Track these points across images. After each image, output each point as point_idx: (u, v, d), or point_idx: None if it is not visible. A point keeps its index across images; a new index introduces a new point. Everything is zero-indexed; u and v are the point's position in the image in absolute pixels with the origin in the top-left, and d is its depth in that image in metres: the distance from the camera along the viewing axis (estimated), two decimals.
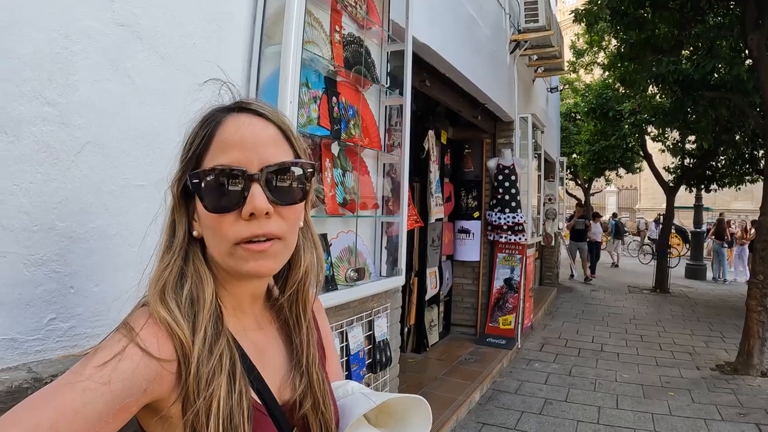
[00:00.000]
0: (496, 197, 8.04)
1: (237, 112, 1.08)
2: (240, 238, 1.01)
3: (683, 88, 10.79)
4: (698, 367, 7.81)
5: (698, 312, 12.42)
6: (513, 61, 8.09)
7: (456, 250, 8.61)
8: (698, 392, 6.71)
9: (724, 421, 5.84)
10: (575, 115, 19.65)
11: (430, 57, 5.15)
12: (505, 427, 5.50)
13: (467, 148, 8.71)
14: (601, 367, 7.71)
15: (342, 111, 3.19)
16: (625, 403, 6.30)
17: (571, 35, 20.15)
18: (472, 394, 6.04)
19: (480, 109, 7.40)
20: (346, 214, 3.18)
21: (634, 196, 43.21)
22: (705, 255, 20.13)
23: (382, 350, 3.61)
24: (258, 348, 1.15)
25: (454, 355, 7.46)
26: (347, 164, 3.26)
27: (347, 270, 3.13)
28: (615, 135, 16.70)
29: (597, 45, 16.27)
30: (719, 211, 25.06)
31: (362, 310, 3.41)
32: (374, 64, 3.62)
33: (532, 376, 7.15)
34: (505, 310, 8.18)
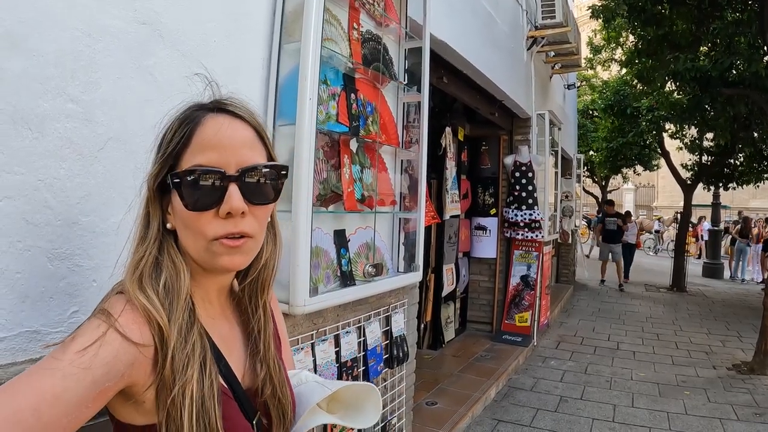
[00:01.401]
0: (513, 194, 8.03)
1: (215, 112, 1.12)
2: (217, 235, 1.07)
3: (701, 85, 10.76)
4: (714, 367, 7.77)
5: (715, 311, 12.35)
6: (530, 58, 8.07)
7: (473, 247, 8.61)
8: (714, 391, 6.67)
9: (739, 420, 5.81)
10: (592, 112, 19.54)
11: (447, 54, 5.15)
12: (521, 424, 5.50)
13: (484, 145, 8.70)
14: (617, 365, 7.70)
15: (360, 108, 3.20)
16: (641, 401, 6.28)
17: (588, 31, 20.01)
18: (488, 390, 6.04)
19: (497, 105, 7.39)
20: (365, 210, 3.19)
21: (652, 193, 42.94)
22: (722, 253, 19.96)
23: (399, 346, 3.62)
24: (223, 337, 1.21)
25: (470, 352, 7.46)
26: (365, 161, 3.27)
27: (365, 266, 3.15)
28: (632, 132, 16.62)
29: (614, 41, 16.18)
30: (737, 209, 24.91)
31: (380, 305, 3.44)
32: (392, 61, 3.63)
33: (548, 373, 7.14)
34: (522, 308, 8.17)
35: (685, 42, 10.17)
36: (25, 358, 1.58)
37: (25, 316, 1.57)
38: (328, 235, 2.96)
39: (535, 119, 8.38)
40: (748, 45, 9.72)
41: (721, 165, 16.04)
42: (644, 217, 33.83)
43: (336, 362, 2.98)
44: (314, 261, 2.74)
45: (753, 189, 18.96)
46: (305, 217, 2.46)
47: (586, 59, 19.03)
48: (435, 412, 5.37)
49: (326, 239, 2.93)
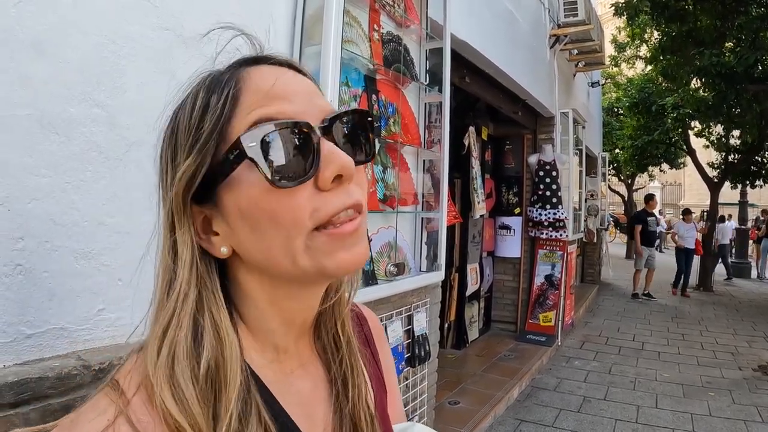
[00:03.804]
0: (537, 193, 8.01)
1: (260, 64, 0.78)
2: (326, 216, 0.71)
3: (726, 81, 10.64)
4: (740, 368, 7.68)
5: (742, 311, 12.20)
6: (553, 56, 8.04)
7: (497, 247, 8.60)
8: (739, 393, 6.59)
9: (764, 422, 5.74)
10: (617, 109, 19.41)
11: (469, 53, 5.16)
12: (543, 425, 5.48)
13: (508, 144, 8.70)
14: (642, 365, 7.63)
15: (382, 108, 3.22)
16: (665, 402, 6.22)
17: (612, 29, 19.92)
18: (511, 390, 6.03)
19: (520, 104, 7.38)
20: (387, 209, 3.22)
21: (678, 191, 42.55)
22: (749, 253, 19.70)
23: (421, 345, 3.64)
24: (305, 401, 0.83)
25: (494, 352, 7.45)
26: (387, 161, 3.29)
27: (387, 265, 3.17)
28: (658, 130, 16.50)
29: (639, 38, 16.08)
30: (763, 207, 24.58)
31: (402, 304, 3.45)
32: (413, 62, 3.65)
33: (572, 373, 7.10)
34: (546, 307, 8.14)
35: (710, 38, 10.09)
36: (52, 354, 1.63)
37: (52, 314, 1.62)
38: None
39: (558, 118, 8.35)
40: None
41: (748, 162, 15.86)
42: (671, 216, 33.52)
43: None
44: None
45: None
46: None
47: (610, 57, 18.92)
48: (457, 411, 5.37)
49: None
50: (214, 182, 0.72)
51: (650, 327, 10.11)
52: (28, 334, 1.58)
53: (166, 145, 0.77)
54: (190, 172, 0.71)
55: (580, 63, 10.08)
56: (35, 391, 1.50)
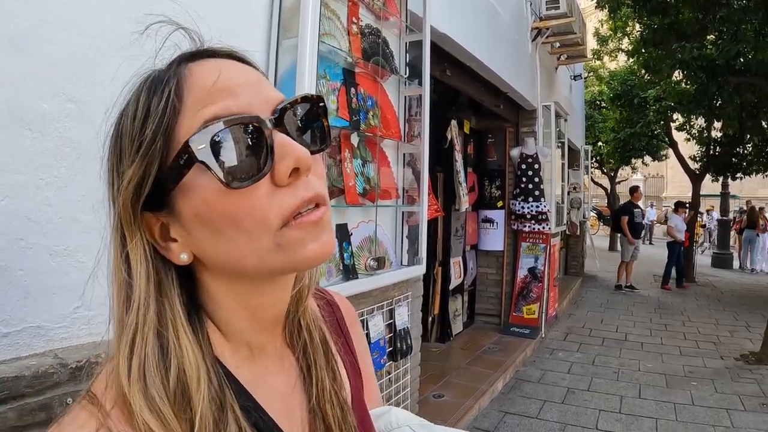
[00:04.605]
0: (520, 186, 8.01)
1: (202, 58, 0.74)
2: (289, 213, 0.68)
3: (708, 73, 10.70)
4: (722, 357, 7.76)
5: (724, 302, 12.31)
6: (535, 49, 8.06)
7: (480, 240, 8.60)
8: (721, 382, 6.66)
9: (746, 411, 5.80)
10: (600, 102, 19.49)
11: (449, 47, 5.15)
12: (528, 416, 5.51)
13: (490, 138, 8.68)
14: (625, 356, 7.69)
15: (361, 102, 3.22)
16: (648, 392, 6.28)
17: (594, 22, 19.97)
18: (495, 383, 6.05)
19: (502, 98, 7.39)
20: (366, 203, 3.22)
21: (661, 184, 42.80)
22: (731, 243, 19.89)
23: (403, 339, 3.64)
24: (283, 396, 0.82)
25: (478, 345, 7.46)
26: (367, 155, 3.29)
27: (367, 259, 3.17)
28: (640, 122, 16.57)
29: (621, 31, 16.10)
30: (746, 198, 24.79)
31: (383, 298, 3.45)
32: (393, 55, 3.65)
33: (556, 365, 7.15)
34: (529, 300, 8.17)
35: (692, 30, 10.13)
36: (28, 353, 1.61)
37: (28, 312, 1.61)
38: None
39: (540, 111, 8.36)
40: (755, 32, 9.67)
41: (730, 155, 16.00)
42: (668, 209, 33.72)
43: None
44: None
45: (762, 178, 18.86)
46: None
47: (593, 50, 18.98)
48: (442, 404, 5.38)
49: None
50: (166, 189, 0.69)
51: (633, 318, 10.18)
52: (4, 332, 1.56)
53: (111, 152, 0.73)
54: (136, 180, 0.68)
55: (562, 56, 10.07)
56: (12, 390, 1.49)
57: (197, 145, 0.65)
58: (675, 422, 5.50)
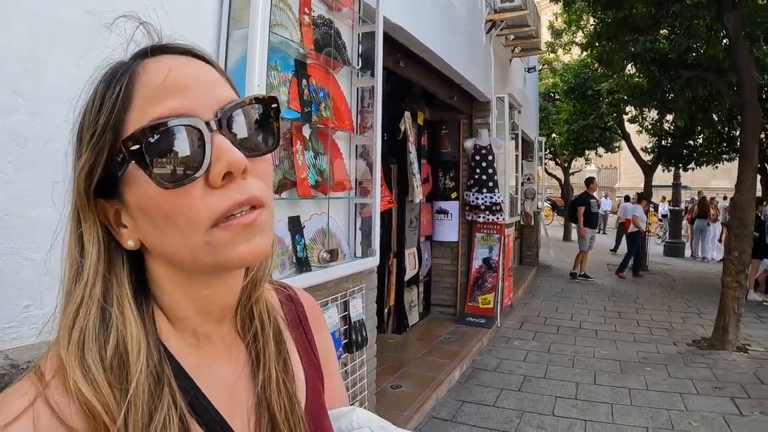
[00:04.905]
0: (474, 177, 8.05)
1: (157, 54, 0.76)
2: (219, 214, 0.70)
3: (660, 67, 10.90)
4: (675, 343, 7.93)
5: (676, 289, 12.58)
6: (489, 42, 8.08)
7: (434, 231, 8.62)
8: (675, 367, 6.81)
9: (699, 395, 5.93)
10: (554, 95, 19.71)
11: (403, 38, 5.12)
12: (485, 405, 5.54)
13: (444, 129, 8.69)
14: (580, 343, 7.81)
15: (312, 93, 3.20)
16: (603, 378, 6.38)
17: (549, 15, 20.13)
18: (452, 372, 6.08)
19: (456, 89, 7.39)
20: (319, 196, 3.20)
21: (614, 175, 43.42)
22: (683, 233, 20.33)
23: (358, 330, 3.64)
24: (229, 386, 0.82)
25: (434, 335, 7.50)
26: (319, 146, 3.27)
27: (320, 251, 3.16)
28: (593, 114, 16.79)
29: (575, 24, 16.29)
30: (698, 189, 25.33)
31: (337, 291, 3.44)
32: (345, 46, 3.63)
33: (512, 354, 7.20)
34: (484, 290, 8.22)
35: (645, 25, 10.25)
36: None
37: None
38: (282, 221, 2.96)
39: (494, 102, 8.41)
40: (707, 28, 9.88)
41: (681, 146, 16.35)
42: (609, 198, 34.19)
43: None
44: None
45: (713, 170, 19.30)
46: None
47: (547, 43, 19.16)
48: (399, 395, 5.39)
49: (280, 226, 2.94)
50: (114, 179, 0.72)
51: (587, 306, 10.35)
52: None
53: (75, 139, 0.75)
54: (87, 168, 0.72)
55: (517, 48, 10.14)
56: None
57: (133, 144, 0.68)
58: (630, 407, 5.61)
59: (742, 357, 7.30)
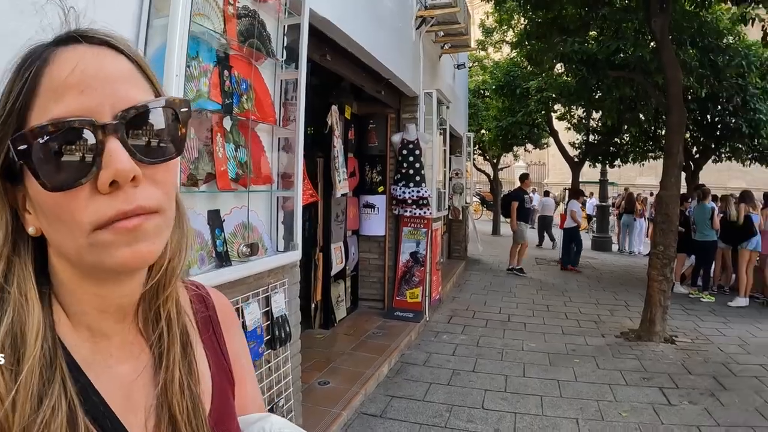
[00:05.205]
0: (401, 172, 8.05)
1: (72, 43, 0.73)
2: (102, 222, 0.68)
3: (588, 67, 11.17)
4: (603, 335, 8.12)
5: (603, 282, 12.91)
6: (419, 37, 8.10)
7: (361, 225, 8.61)
8: (603, 359, 6.98)
9: (628, 385, 6.09)
10: (484, 92, 19.91)
11: (330, 31, 5.08)
12: (414, 399, 5.56)
13: (372, 123, 8.68)
14: (508, 337, 7.90)
15: (234, 85, 3.14)
16: (532, 371, 6.48)
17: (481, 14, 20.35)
18: (380, 367, 6.08)
19: (384, 84, 7.37)
20: (239, 189, 3.14)
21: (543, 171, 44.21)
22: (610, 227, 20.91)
23: (281, 326, 3.59)
24: (125, 384, 0.80)
25: (362, 330, 7.49)
26: (240, 139, 3.21)
27: (239, 245, 3.10)
28: (521, 112, 17.04)
29: (506, 23, 16.51)
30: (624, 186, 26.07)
31: (258, 285, 3.39)
32: (270, 38, 3.57)
33: (440, 348, 7.25)
34: (412, 284, 8.25)
35: (574, 26, 10.47)
36: None
37: None
38: (201, 215, 2.90)
39: (422, 97, 8.44)
40: (635, 31, 10.16)
41: (608, 144, 16.81)
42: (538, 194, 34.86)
43: None
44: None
45: (639, 167, 19.93)
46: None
47: (478, 41, 19.40)
48: (327, 391, 5.36)
49: (199, 220, 2.87)
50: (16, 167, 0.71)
51: (516, 299, 10.51)
52: None
53: None
54: None
55: (446, 45, 10.19)
56: None
57: (21, 144, 0.68)
58: (559, 398, 5.71)
59: (669, 348, 7.53)
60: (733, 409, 5.60)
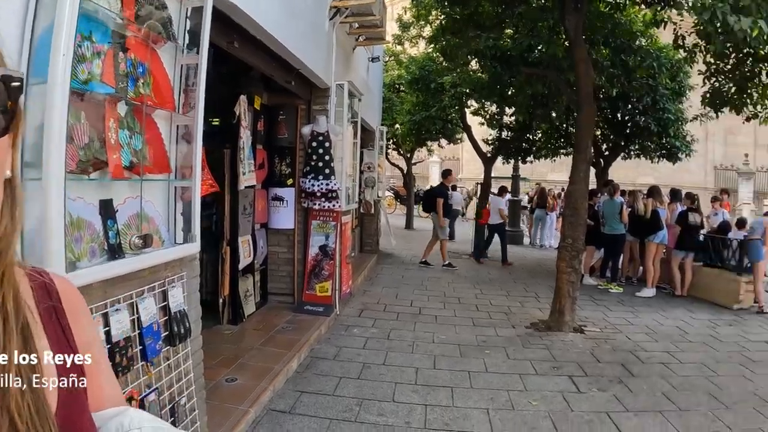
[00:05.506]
0: (310, 164, 7.97)
1: None
2: None
3: (502, 63, 11.35)
4: (514, 326, 8.30)
5: (514, 274, 13.23)
6: (332, 28, 8.01)
7: (270, 218, 8.47)
8: (513, 349, 7.12)
9: (538, 375, 6.24)
10: (399, 86, 19.96)
11: (238, 16, 4.91)
12: (324, 394, 5.51)
13: (282, 114, 8.51)
14: (419, 329, 7.97)
15: (130, 68, 2.97)
16: (443, 363, 6.54)
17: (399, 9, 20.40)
18: (290, 362, 6.01)
19: (294, 74, 7.24)
20: (134, 178, 2.98)
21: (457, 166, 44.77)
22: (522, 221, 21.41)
23: (180, 321, 3.44)
24: None
25: (272, 325, 7.38)
26: (135, 125, 3.03)
27: (132, 237, 2.94)
28: (435, 106, 17.14)
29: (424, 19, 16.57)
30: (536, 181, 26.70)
31: (155, 279, 3.24)
32: (171, 20, 3.40)
33: (351, 341, 7.24)
34: (322, 278, 8.20)
35: (490, 23, 10.63)
36: None
37: None
38: (92, 205, 2.73)
39: (334, 89, 8.37)
40: (549, 29, 10.35)
41: (520, 140, 17.12)
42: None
43: (107, 343, 2.76)
44: (76, 234, 2.55)
45: (551, 163, 20.43)
46: (57, 185, 2.26)
47: (395, 35, 19.51)
48: (235, 388, 5.23)
49: (90, 210, 2.71)
50: None
51: (427, 292, 10.61)
52: None
53: None
54: None
55: (361, 37, 10.12)
56: None
57: None
58: (470, 389, 5.77)
59: (578, 337, 7.76)
60: (641, 394, 5.82)
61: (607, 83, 11.66)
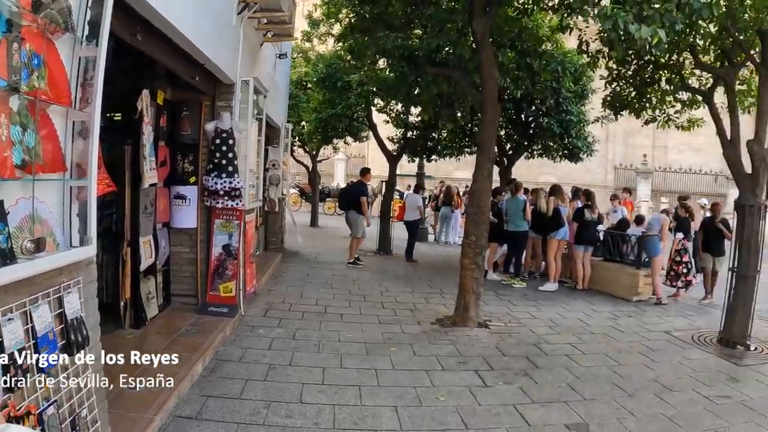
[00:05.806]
0: (213, 161, 7.78)
1: None
2: None
3: (409, 63, 11.44)
4: (419, 323, 8.42)
5: (419, 271, 13.44)
6: (240, 23, 7.84)
7: (172, 217, 8.21)
8: (420, 345, 7.22)
9: (444, 370, 6.35)
10: (306, 83, 19.83)
11: (142, 8, 4.72)
12: (230, 398, 5.42)
13: (185, 110, 8.26)
14: (325, 328, 7.96)
15: (25, 60, 2.79)
16: (349, 361, 6.55)
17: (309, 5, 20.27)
18: (194, 366, 5.86)
19: (199, 69, 7.08)
20: (26, 177, 2.80)
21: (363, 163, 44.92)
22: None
23: (77, 329, 3.27)
24: None
25: (175, 327, 7.19)
26: (28, 121, 2.85)
27: (23, 241, 2.76)
28: (342, 104, 17.10)
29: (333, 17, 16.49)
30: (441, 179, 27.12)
31: (50, 285, 3.06)
32: (71, 10, 3.21)
33: (256, 342, 7.16)
34: (226, 278, 8.05)
35: (399, 23, 10.72)
36: None
37: None
38: None
39: (239, 85, 8.20)
40: (457, 31, 10.45)
41: (425, 139, 17.30)
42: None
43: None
44: None
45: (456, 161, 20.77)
46: None
47: (304, 32, 19.40)
48: (138, 395, 4.95)
49: None
50: None
51: (332, 291, 10.62)
52: None
53: None
54: None
55: (269, 33, 9.99)
56: None
57: None
58: (378, 387, 5.82)
59: (483, 332, 7.96)
60: (546, 386, 6.03)
61: (512, 85, 11.94)
